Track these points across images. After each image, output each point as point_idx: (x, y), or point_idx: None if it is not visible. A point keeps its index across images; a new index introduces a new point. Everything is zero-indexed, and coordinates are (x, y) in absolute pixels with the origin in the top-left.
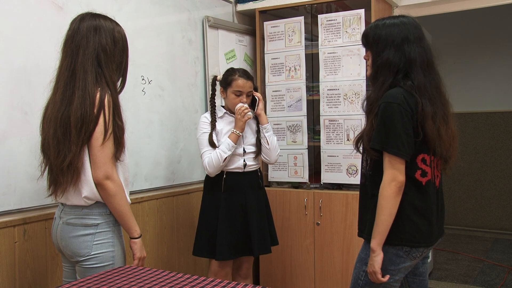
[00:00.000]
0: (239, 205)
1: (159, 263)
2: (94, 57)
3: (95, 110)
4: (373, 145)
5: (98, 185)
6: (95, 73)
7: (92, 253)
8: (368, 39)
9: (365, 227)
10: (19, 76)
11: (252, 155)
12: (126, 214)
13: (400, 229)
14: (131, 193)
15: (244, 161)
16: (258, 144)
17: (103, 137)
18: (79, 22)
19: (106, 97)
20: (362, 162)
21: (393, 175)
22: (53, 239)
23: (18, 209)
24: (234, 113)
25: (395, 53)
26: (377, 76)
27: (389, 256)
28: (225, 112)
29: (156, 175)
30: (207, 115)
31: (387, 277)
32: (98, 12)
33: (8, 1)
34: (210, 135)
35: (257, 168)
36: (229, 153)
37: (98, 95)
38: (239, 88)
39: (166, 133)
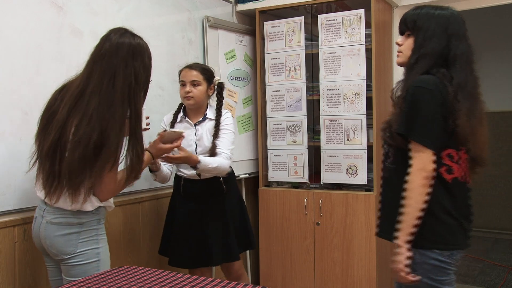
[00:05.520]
0: (194, 212)
1: (158, 263)
2: (127, 84)
3: (112, 135)
4: (399, 129)
5: (101, 201)
6: (121, 100)
7: (77, 251)
8: (415, 25)
9: (388, 225)
10: (19, 76)
11: None
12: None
13: (434, 231)
14: (131, 193)
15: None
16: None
17: (112, 164)
18: (119, 37)
19: (126, 123)
20: (384, 155)
21: (422, 164)
22: (34, 238)
23: (18, 209)
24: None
25: (440, 44)
26: (416, 63)
27: (433, 262)
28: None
29: None
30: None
31: (417, 276)
32: (134, 32)
33: (8, 1)
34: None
35: None
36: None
37: (119, 121)
38: (182, 78)
39: None
